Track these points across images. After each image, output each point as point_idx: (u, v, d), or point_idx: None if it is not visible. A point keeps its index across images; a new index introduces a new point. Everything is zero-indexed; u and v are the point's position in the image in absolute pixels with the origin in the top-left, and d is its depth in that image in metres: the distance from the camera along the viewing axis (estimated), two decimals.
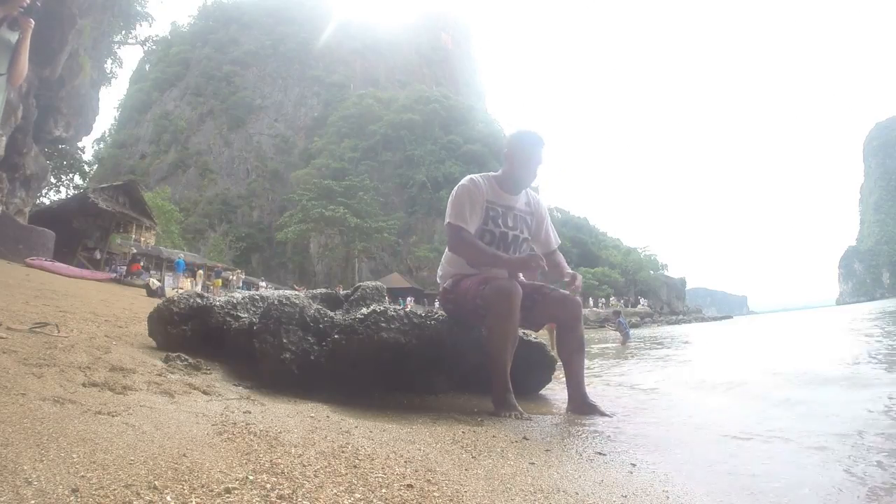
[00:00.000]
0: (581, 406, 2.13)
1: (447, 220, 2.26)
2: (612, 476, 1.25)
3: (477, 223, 2.25)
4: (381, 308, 2.23)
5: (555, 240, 2.51)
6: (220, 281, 23.45)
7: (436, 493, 0.98)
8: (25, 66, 2.29)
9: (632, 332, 11.45)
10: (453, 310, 2.32)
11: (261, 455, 1.07)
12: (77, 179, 34.97)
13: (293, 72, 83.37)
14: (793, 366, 3.65)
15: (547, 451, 1.46)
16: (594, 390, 2.81)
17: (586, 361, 2.39)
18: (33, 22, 2.25)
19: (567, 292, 2.25)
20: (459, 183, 2.35)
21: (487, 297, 2.05)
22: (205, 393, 1.73)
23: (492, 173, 2.39)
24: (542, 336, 2.72)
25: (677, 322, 37.08)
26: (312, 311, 2.32)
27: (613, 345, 9.22)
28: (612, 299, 43.23)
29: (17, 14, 2.20)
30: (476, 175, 2.38)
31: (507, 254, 2.26)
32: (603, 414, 2.07)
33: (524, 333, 2.58)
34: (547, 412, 2.24)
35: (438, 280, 2.43)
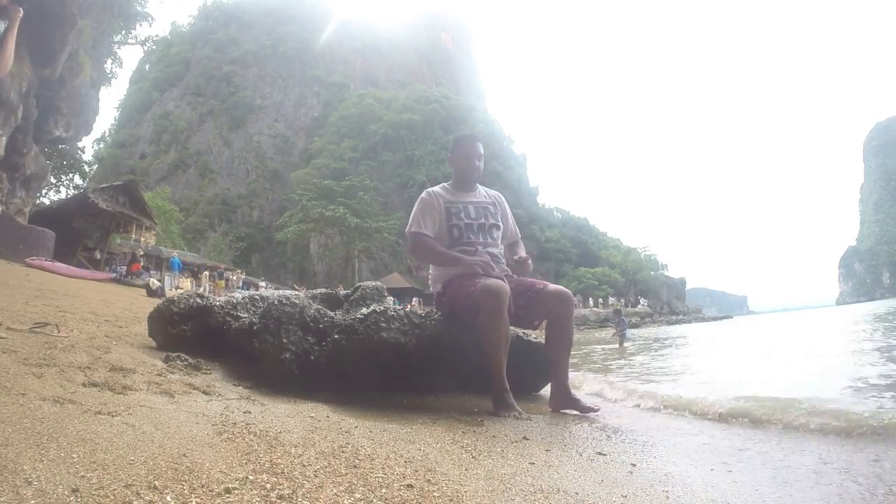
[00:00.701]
0: (564, 401, 2.19)
1: (406, 230, 2.44)
2: (612, 476, 1.25)
3: (435, 227, 2.40)
4: (381, 308, 2.23)
5: (516, 234, 2.67)
6: (223, 282, 23.53)
7: (436, 493, 0.98)
8: (11, 56, 2.22)
9: (632, 332, 11.32)
10: (449, 312, 2.35)
11: (261, 455, 1.07)
12: (77, 179, 34.90)
13: (293, 72, 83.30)
14: (794, 378, 3.55)
15: (547, 451, 1.46)
16: (593, 393, 2.81)
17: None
18: (22, 11, 2.18)
19: (562, 287, 2.30)
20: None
21: (476, 297, 2.08)
22: (205, 393, 1.73)
23: (446, 183, 2.59)
24: (543, 336, 2.73)
25: (677, 322, 37.03)
26: (312, 311, 2.32)
27: (610, 346, 9.17)
28: (612, 299, 43.15)
29: (7, 2, 2.14)
30: (432, 188, 2.55)
31: (480, 240, 2.37)
32: (585, 407, 2.14)
33: (524, 333, 2.58)
34: (547, 412, 2.24)
35: (430, 287, 2.48)
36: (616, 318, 10.63)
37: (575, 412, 2.15)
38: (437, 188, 2.54)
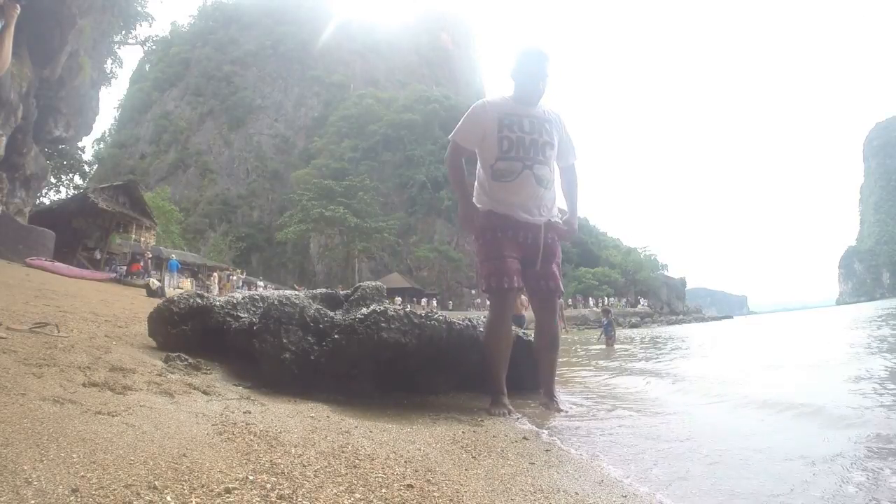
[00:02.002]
0: (547, 399, 2.27)
1: (451, 135, 2.39)
2: (612, 476, 1.25)
3: (479, 140, 2.32)
4: (381, 308, 2.23)
5: (573, 154, 2.49)
6: (229, 284, 23.88)
7: (436, 493, 0.98)
8: (9, 55, 2.19)
9: (631, 331, 11.23)
10: (474, 238, 2.37)
11: (261, 455, 1.07)
12: (77, 179, 34.97)
13: (293, 72, 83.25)
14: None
15: (547, 451, 1.46)
16: (590, 395, 2.80)
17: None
18: (19, 8, 2.14)
19: (556, 293, 2.33)
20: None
21: (489, 296, 2.23)
22: (205, 393, 1.73)
23: (506, 94, 2.40)
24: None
25: (677, 322, 36.91)
26: (312, 311, 2.33)
27: (596, 347, 9.06)
28: (613, 300, 43.07)
29: (4, 2, 2.10)
30: (490, 97, 2.41)
31: (531, 155, 2.25)
32: (557, 409, 2.20)
33: (523, 333, 2.60)
34: (544, 411, 2.24)
35: (474, 200, 2.38)
36: (605, 318, 10.52)
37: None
38: (495, 97, 2.40)
